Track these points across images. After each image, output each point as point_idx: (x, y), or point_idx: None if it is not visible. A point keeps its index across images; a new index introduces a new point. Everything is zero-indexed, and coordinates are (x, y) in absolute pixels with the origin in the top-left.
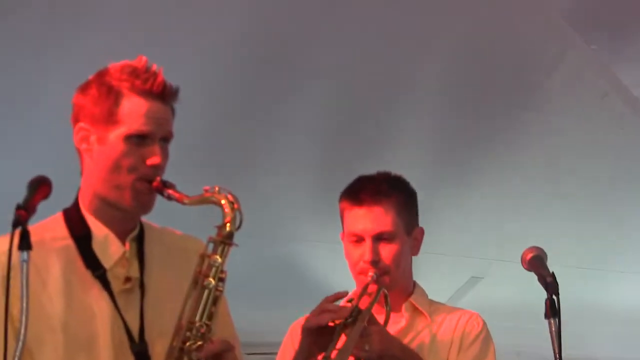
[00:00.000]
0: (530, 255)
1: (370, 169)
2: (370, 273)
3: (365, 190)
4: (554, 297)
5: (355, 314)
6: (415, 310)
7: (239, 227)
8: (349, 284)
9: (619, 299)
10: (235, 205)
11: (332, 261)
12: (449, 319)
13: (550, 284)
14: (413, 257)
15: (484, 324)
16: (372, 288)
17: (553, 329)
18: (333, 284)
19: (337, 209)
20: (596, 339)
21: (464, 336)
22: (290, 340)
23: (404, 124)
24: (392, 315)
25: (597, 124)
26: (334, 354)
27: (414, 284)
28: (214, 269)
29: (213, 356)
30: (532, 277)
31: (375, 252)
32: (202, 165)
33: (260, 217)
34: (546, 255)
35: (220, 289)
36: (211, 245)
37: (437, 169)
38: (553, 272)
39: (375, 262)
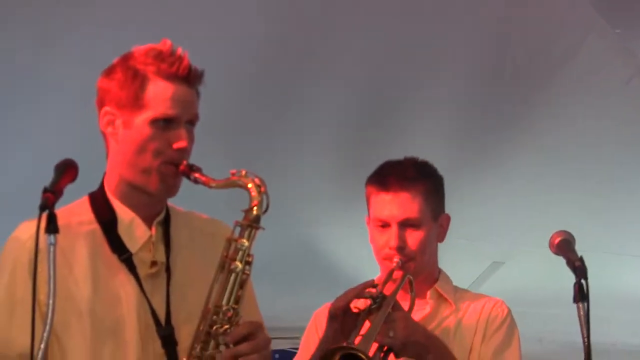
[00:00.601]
0: (558, 239)
1: (392, 153)
2: (396, 259)
3: (392, 175)
4: (583, 281)
5: (380, 300)
6: (440, 297)
7: (265, 210)
8: (371, 268)
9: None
10: (262, 189)
11: (354, 245)
12: (474, 306)
13: (579, 268)
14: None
15: (509, 311)
16: (397, 274)
17: (582, 313)
18: (355, 268)
19: (359, 193)
20: (616, 324)
21: (488, 323)
22: (314, 326)
23: (427, 108)
24: (417, 302)
25: (621, 109)
26: (357, 339)
27: (439, 271)
28: (240, 253)
29: (241, 339)
30: (555, 262)
31: (401, 238)
32: (224, 148)
33: (283, 201)
34: (574, 239)
35: (247, 272)
36: (238, 229)
37: (458, 154)
38: (581, 256)
39: (401, 249)
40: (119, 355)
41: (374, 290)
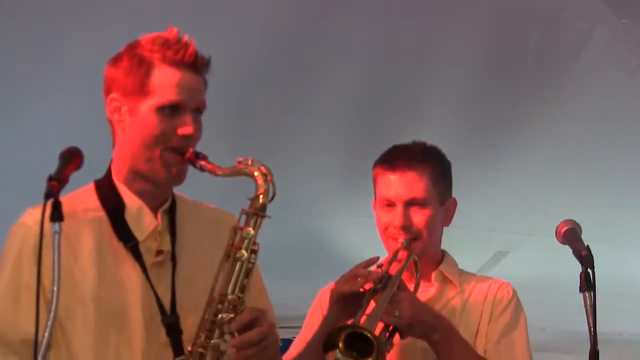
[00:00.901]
0: (565, 229)
1: (398, 140)
2: (401, 239)
3: (399, 156)
4: (589, 270)
5: (385, 280)
6: (444, 279)
7: (272, 199)
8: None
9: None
10: (269, 177)
11: (361, 235)
12: (479, 288)
13: (586, 257)
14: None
15: (514, 292)
16: (402, 254)
17: (588, 302)
18: (361, 257)
19: (365, 184)
20: (622, 314)
21: (494, 305)
22: (319, 305)
23: (434, 97)
24: (422, 284)
25: (626, 100)
26: (362, 319)
27: (444, 253)
28: (246, 241)
29: (245, 327)
30: (559, 252)
31: (407, 217)
32: (229, 136)
33: (288, 189)
34: (581, 229)
35: (253, 261)
36: (244, 218)
37: (463, 143)
38: (588, 246)
39: (407, 228)
40: (123, 343)
41: (378, 270)
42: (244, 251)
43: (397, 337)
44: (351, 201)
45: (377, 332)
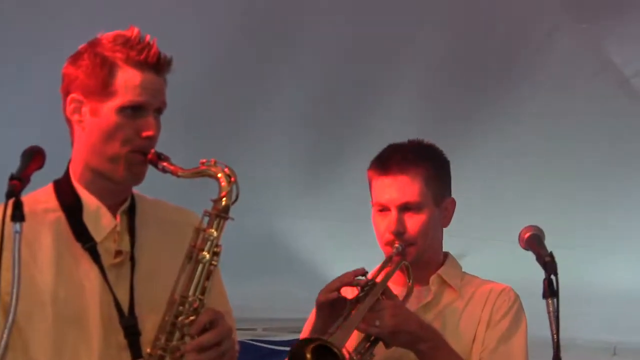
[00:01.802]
0: (528, 234)
1: (361, 143)
2: (396, 245)
3: (392, 158)
4: (553, 277)
5: (369, 288)
6: (443, 283)
7: (235, 200)
8: (335, 258)
9: (607, 280)
10: (232, 179)
11: (318, 237)
12: (479, 293)
13: (549, 264)
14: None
15: (516, 297)
16: (396, 260)
17: (551, 309)
18: (319, 260)
19: (325, 185)
20: (583, 320)
21: (493, 311)
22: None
23: (395, 96)
24: (420, 288)
25: (588, 104)
26: (335, 330)
27: (446, 255)
28: (209, 243)
29: (204, 329)
30: (520, 257)
31: (400, 222)
32: (187, 137)
33: (246, 191)
34: (544, 234)
35: (215, 263)
36: (206, 219)
37: None
38: (551, 252)
39: (400, 234)
40: (81, 345)
41: (363, 278)
42: (206, 253)
43: (381, 346)
44: (309, 203)
45: (355, 342)
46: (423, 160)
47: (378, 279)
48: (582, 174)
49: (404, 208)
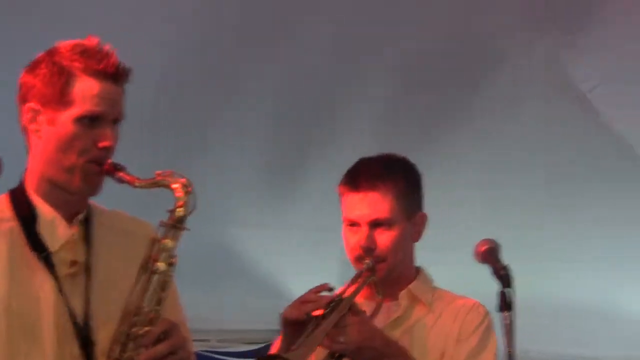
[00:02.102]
0: (483, 248)
1: (319, 154)
2: (366, 260)
3: (362, 174)
4: (508, 290)
5: (334, 304)
6: (414, 298)
7: (191, 211)
8: (290, 269)
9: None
10: (189, 189)
11: (273, 247)
12: (450, 308)
13: (504, 277)
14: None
15: (486, 313)
16: (366, 275)
17: (506, 322)
18: (273, 270)
19: (281, 195)
20: (539, 332)
21: (463, 327)
22: None
23: (355, 107)
24: (390, 304)
25: (546, 118)
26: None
27: (418, 271)
28: (164, 254)
29: (158, 339)
30: (476, 270)
31: (370, 239)
32: (143, 147)
33: (203, 201)
34: (500, 248)
35: (170, 273)
36: (162, 230)
37: None
38: (507, 265)
39: (370, 250)
40: (35, 355)
41: (328, 294)
42: (161, 264)
43: None
44: (264, 213)
45: (316, 358)
46: (394, 176)
47: (345, 295)
48: (538, 187)
49: (375, 224)
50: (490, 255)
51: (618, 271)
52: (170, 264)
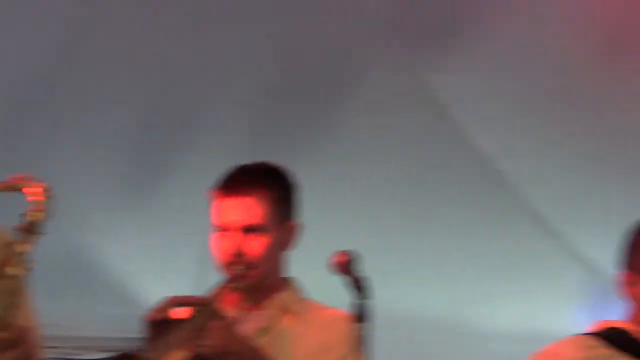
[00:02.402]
0: (340, 259)
1: (181, 158)
2: (236, 267)
3: (237, 180)
4: (365, 301)
5: (200, 308)
6: (282, 307)
7: (47, 216)
8: (149, 278)
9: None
10: (44, 193)
11: (131, 253)
12: (319, 318)
13: (361, 288)
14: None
15: (354, 324)
16: (235, 282)
17: (363, 334)
18: (131, 275)
19: (142, 199)
20: (396, 345)
21: (331, 337)
22: None
23: (219, 111)
24: (258, 312)
25: (405, 129)
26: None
27: (287, 280)
28: (17, 259)
29: (7, 346)
30: (333, 281)
31: (242, 245)
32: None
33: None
34: (358, 259)
35: (22, 278)
36: (17, 234)
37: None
38: (364, 277)
39: (240, 256)
40: None
41: (193, 299)
42: (13, 268)
43: None
44: (120, 218)
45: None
46: (269, 183)
47: (211, 299)
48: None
49: (247, 230)
50: (346, 266)
51: (474, 286)
52: (25, 269)
